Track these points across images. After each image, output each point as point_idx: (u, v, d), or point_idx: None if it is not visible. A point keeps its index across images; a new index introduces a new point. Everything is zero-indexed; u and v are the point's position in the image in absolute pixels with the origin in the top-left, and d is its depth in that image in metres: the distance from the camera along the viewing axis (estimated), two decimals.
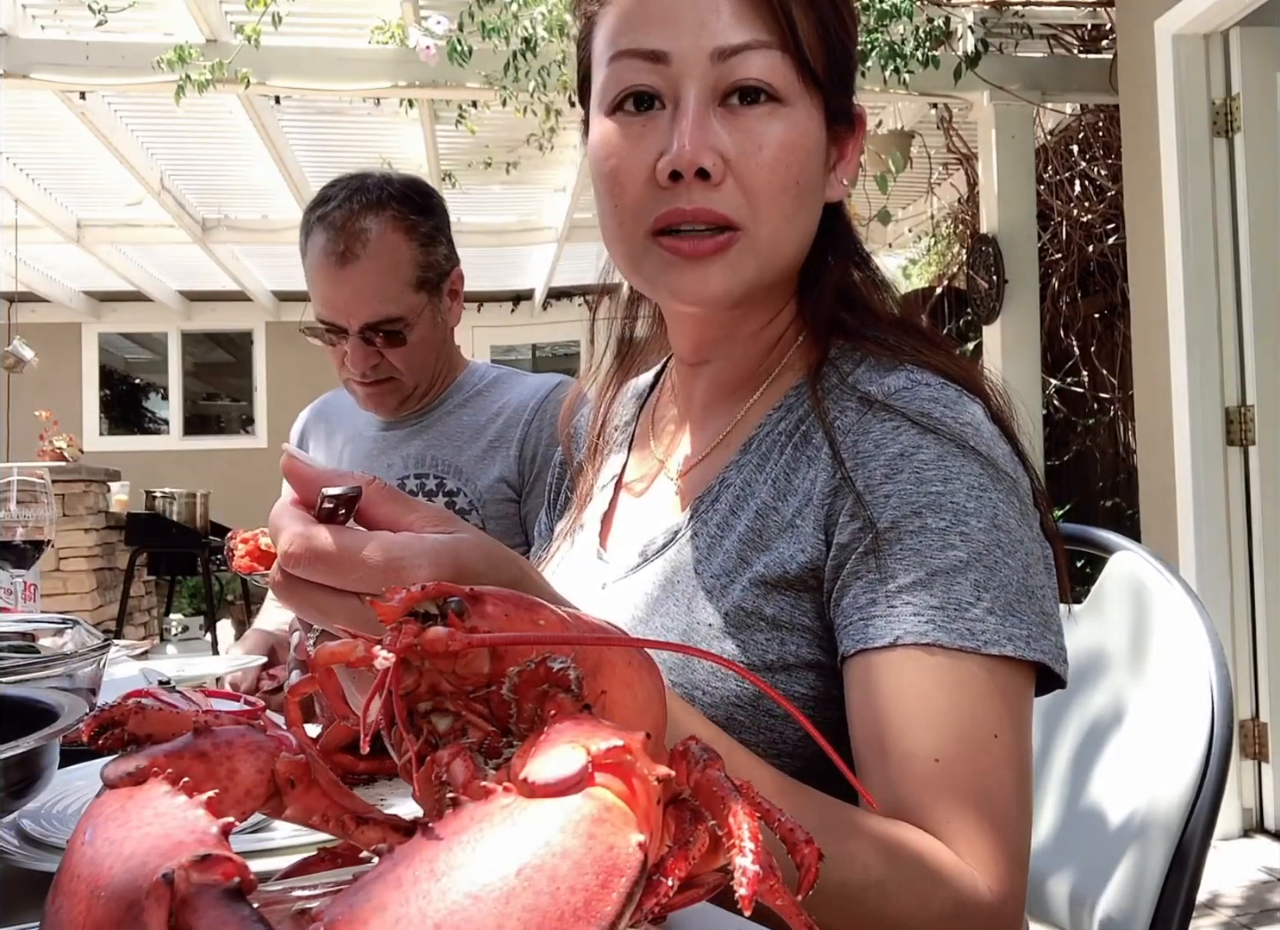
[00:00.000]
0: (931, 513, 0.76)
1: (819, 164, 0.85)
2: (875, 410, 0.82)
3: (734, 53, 0.79)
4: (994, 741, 0.72)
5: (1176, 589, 1.01)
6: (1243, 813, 3.57)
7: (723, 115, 0.81)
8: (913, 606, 0.74)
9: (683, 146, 0.79)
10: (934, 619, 0.73)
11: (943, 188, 6.28)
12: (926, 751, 0.71)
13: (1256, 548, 3.56)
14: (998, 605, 0.74)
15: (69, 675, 0.70)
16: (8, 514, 1.52)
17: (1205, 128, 3.62)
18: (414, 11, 4.16)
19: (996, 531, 0.76)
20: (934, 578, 0.75)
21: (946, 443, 0.79)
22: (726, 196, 0.80)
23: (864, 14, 4.01)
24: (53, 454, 6.60)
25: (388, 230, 1.71)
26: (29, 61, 4.22)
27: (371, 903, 0.33)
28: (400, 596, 0.44)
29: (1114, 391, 5.46)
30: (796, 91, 0.82)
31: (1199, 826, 0.92)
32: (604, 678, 0.45)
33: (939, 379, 0.83)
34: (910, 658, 0.73)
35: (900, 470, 0.78)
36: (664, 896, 0.38)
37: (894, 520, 0.77)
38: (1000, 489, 0.78)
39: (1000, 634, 0.73)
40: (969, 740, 0.72)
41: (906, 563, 0.75)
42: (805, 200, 0.84)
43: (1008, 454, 0.81)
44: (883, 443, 0.80)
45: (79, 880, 0.38)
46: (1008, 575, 0.76)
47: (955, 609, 0.74)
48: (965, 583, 0.74)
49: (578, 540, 1.02)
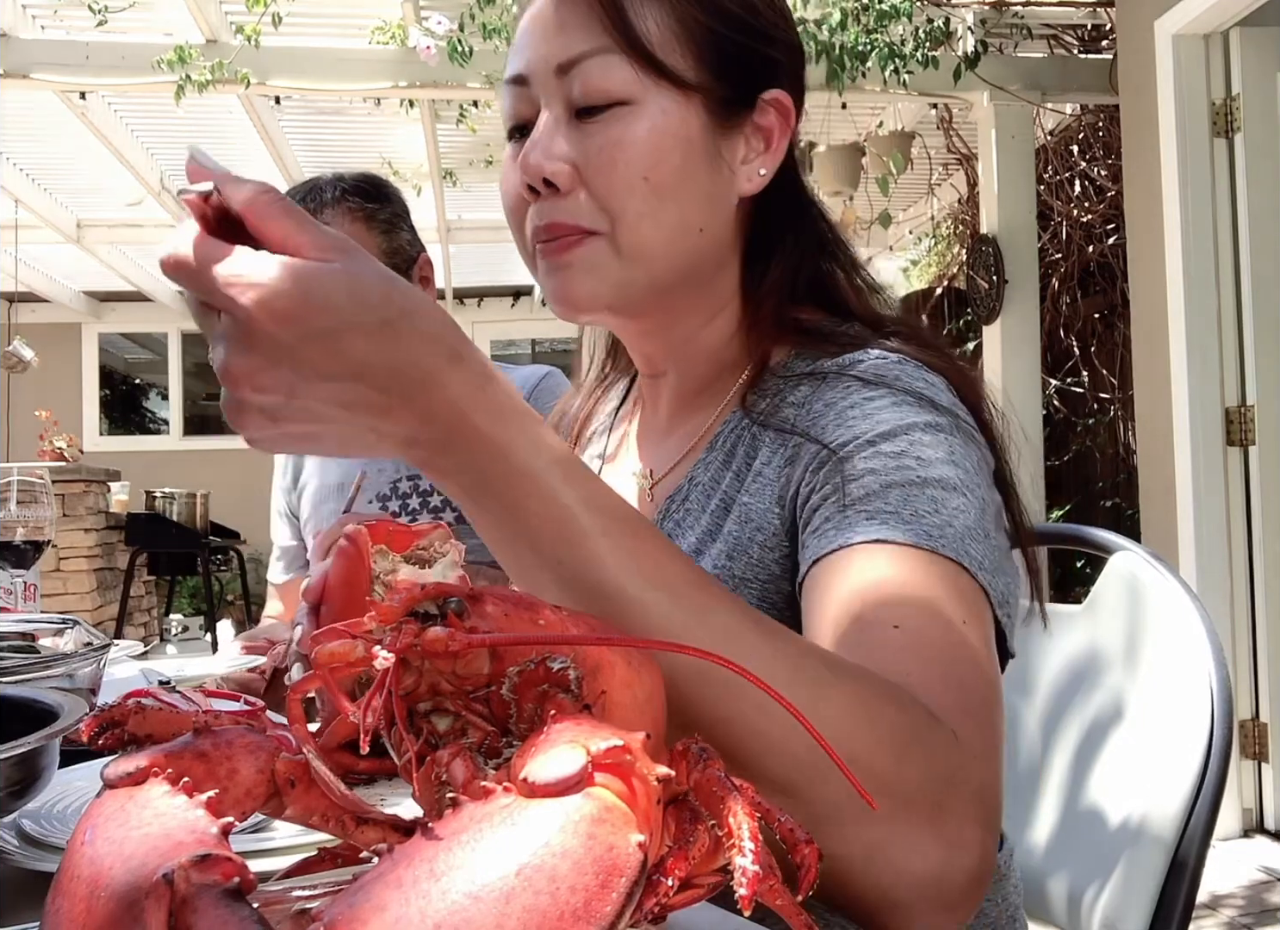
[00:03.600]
0: (885, 440, 0.74)
1: (686, 158, 0.82)
2: (828, 380, 0.81)
3: (573, 65, 0.81)
4: (962, 626, 0.66)
5: (1176, 589, 1.01)
6: (1243, 813, 3.57)
7: (576, 126, 0.82)
8: (866, 513, 0.71)
9: (525, 160, 0.81)
10: (888, 522, 0.70)
11: (943, 188, 6.28)
12: (886, 620, 0.65)
13: (1256, 548, 3.56)
14: (956, 522, 0.70)
15: (69, 675, 0.70)
16: (8, 514, 1.52)
17: (1205, 128, 3.62)
18: (414, 11, 4.16)
19: (953, 466, 0.74)
20: (888, 489, 0.72)
21: (901, 394, 0.78)
22: (574, 205, 0.81)
23: (864, 14, 4.02)
24: (53, 454, 6.60)
25: (346, 222, 1.73)
26: (29, 61, 4.22)
27: (371, 903, 0.33)
28: (400, 597, 0.44)
29: (1114, 391, 5.46)
30: (643, 89, 0.81)
31: (1199, 827, 0.92)
32: (604, 678, 0.45)
33: (899, 355, 0.82)
34: (863, 552, 0.69)
35: (853, 418, 0.77)
36: (664, 896, 0.38)
37: (848, 453, 0.75)
38: (959, 437, 0.77)
39: (959, 546, 0.69)
40: (932, 616, 0.65)
41: (862, 482, 0.73)
42: (670, 196, 0.81)
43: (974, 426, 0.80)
44: (833, 401, 0.79)
45: (79, 880, 0.38)
46: (964, 504, 0.72)
47: (912, 514, 0.70)
48: (922, 497, 0.71)
49: None
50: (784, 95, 0.87)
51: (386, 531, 0.84)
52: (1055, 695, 1.12)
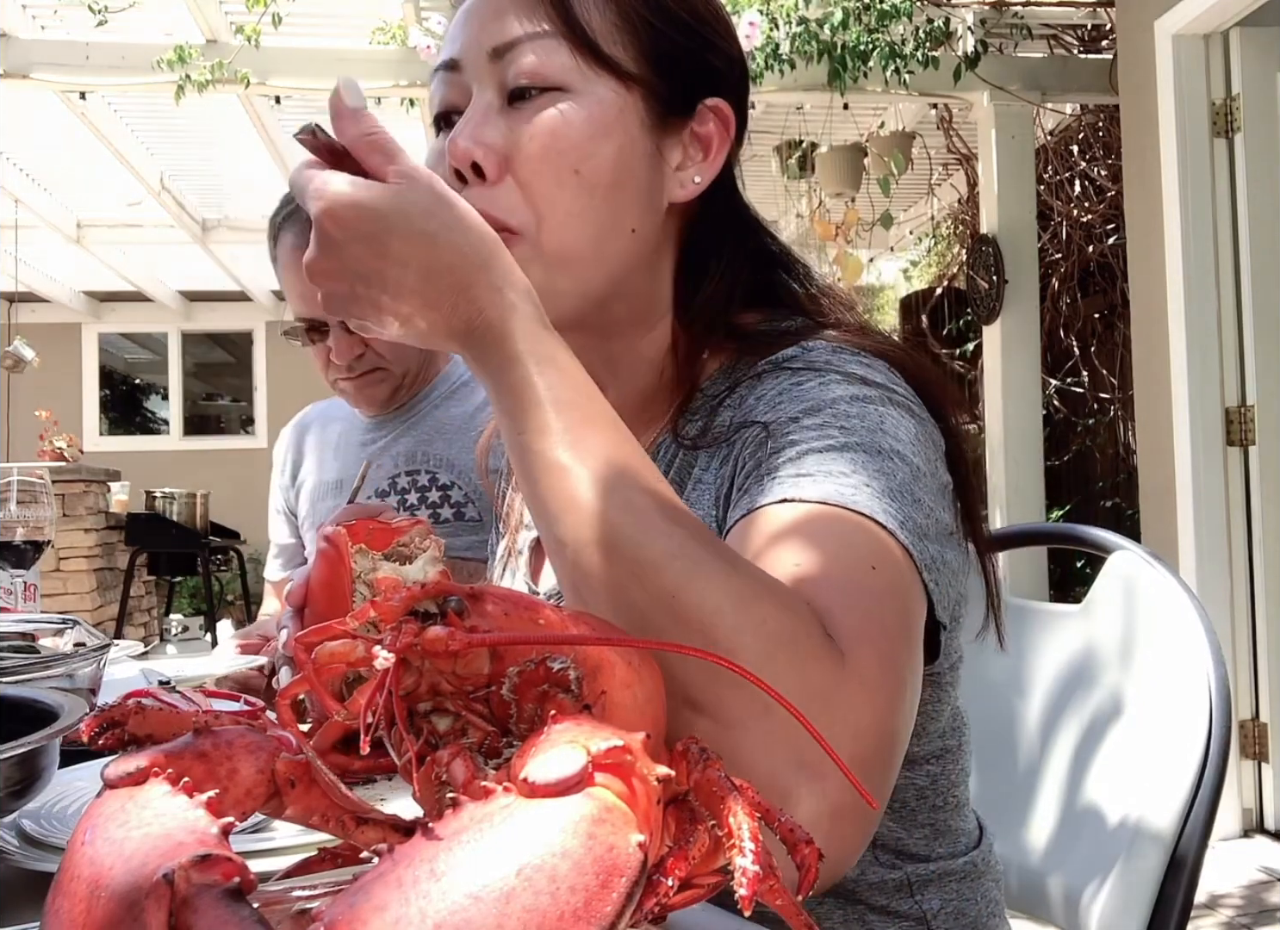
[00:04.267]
0: (809, 415, 0.72)
1: (623, 152, 0.79)
2: (763, 377, 0.80)
3: (509, 48, 0.78)
4: (871, 572, 0.62)
5: (1175, 588, 1.01)
6: (1242, 813, 3.57)
7: (508, 113, 0.79)
8: (778, 479, 0.68)
9: (454, 143, 0.78)
10: (799, 483, 0.66)
11: (943, 188, 6.28)
12: (787, 561, 0.62)
13: (1256, 548, 3.56)
14: (874, 483, 0.66)
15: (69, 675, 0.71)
16: (8, 514, 1.52)
17: (1205, 128, 3.62)
18: (415, 11, 4.16)
19: (881, 434, 0.70)
20: (804, 457, 0.69)
21: (829, 375, 0.75)
22: (503, 195, 0.77)
23: (864, 14, 4.02)
24: (53, 454, 6.60)
25: None
26: (29, 61, 4.22)
27: (371, 903, 0.33)
28: (400, 596, 0.44)
29: (1114, 391, 5.46)
30: (581, 78, 0.78)
31: (1197, 827, 0.92)
32: (604, 678, 0.45)
33: (834, 344, 0.80)
34: (769, 512, 0.66)
35: (780, 402, 0.75)
36: (664, 896, 0.39)
37: (773, 431, 0.73)
38: (890, 408, 0.73)
39: (874, 504, 0.65)
40: (836, 556, 0.62)
41: (783, 454, 0.70)
42: (602, 192, 0.78)
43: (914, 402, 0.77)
44: (763, 393, 0.78)
45: (79, 880, 0.38)
46: (888, 468, 0.68)
47: (825, 475, 0.66)
48: (839, 460, 0.68)
49: (516, 572, 0.99)
50: (725, 105, 0.85)
51: (366, 530, 0.84)
52: (1054, 695, 1.12)
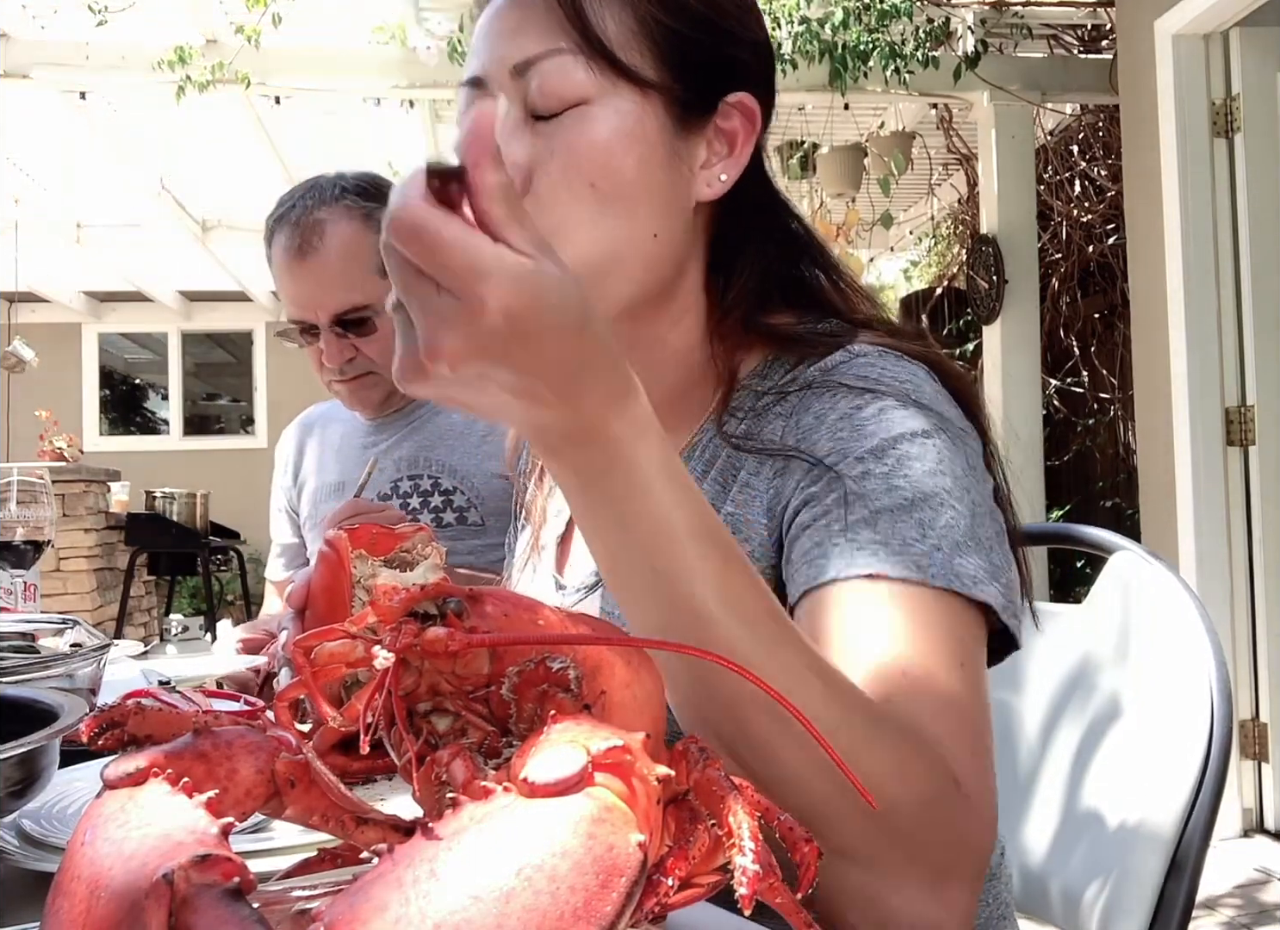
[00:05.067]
0: (873, 458, 0.74)
1: (643, 161, 0.80)
2: (814, 388, 0.80)
3: (529, 65, 0.79)
4: (960, 669, 0.68)
5: (1176, 588, 1.01)
6: (1243, 813, 3.57)
7: (532, 128, 0.80)
8: (856, 543, 0.72)
9: None
10: (877, 552, 0.71)
11: (943, 188, 6.28)
12: (893, 666, 0.67)
13: (1256, 548, 3.56)
14: (945, 543, 0.71)
15: (69, 675, 0.70)
16: (8, 514, 1.52)
17: (1205, 128, 3.62)
18: (414, 12, 4.16)
19: (941, 476, 0.74)
20: (877, 516, 0.72)
21: (886, 398, 0.77)
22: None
23: (864, 14, 4.02)
24: (53, 454, 6.60)
25: (344, 219, 1.73)
26: (29, 61, 4.23)
27: (371, 903, 0.33)
28: (400, 597, 0.44)
29: (1114, 391, 5.46)
30: (600, 90, 0.79)
31: (1198, 827, 0.92)
32: (604, 678, 0.45)
33: (877, 348, 0.81)
34: (855, 588, 0.70)
35: (841, 429, 0.77)
36: (664, 896, 0.39)
37: (839, 471, 0.75)
38: (945, 438, 0.76)
39: (947, 570, 0.70)
40: (934, 663, 0.67)
41: (852, 507, 0.73)
42: (617, 204, 0.80)
43: (958, 415, 0.80)
44: (822, 413, 0.79)
45: (79, 880, 0.38)
46: (953, 518, 0.73)
47: (900, 544, 0.71)
48: (910, 521, 0.72)
49: (538, 567, 1.00)
50: (749, 98, 0.85)
51: (369, 535, 0.83)
52: (1054, 695, 1.12)
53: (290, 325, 1.76)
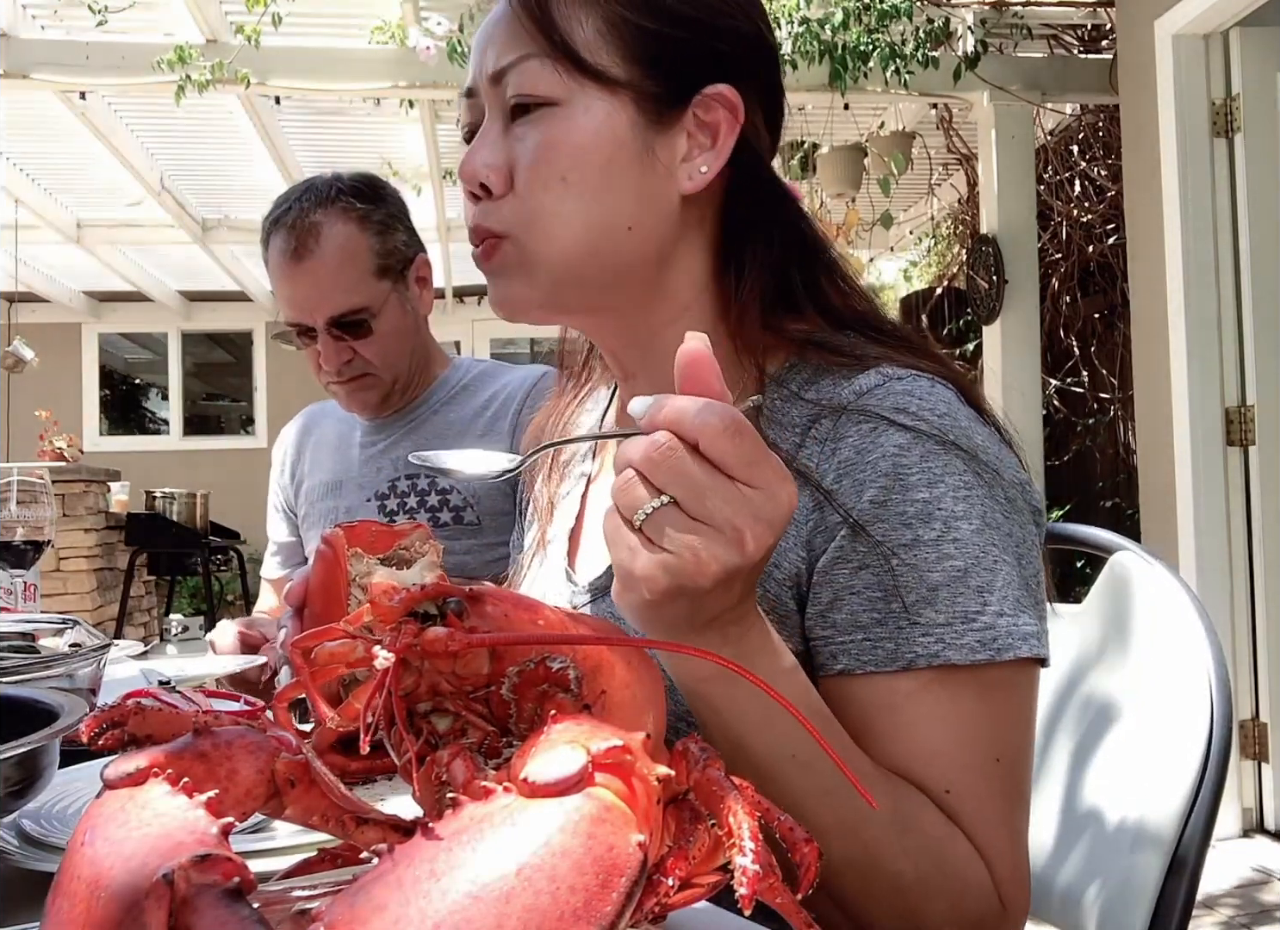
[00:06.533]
0: (922, 523, 0.75)
1: (612, 157, 0.82)
2: (850, 415, 0.79)
3: (503, 73, 0.84)
4: (996, 766, 0.74)
5: (1176, 588, 1.01)
6: (1242, 813, 3.57)
7: (510, 131, 0.85)
8: (920, 627, 0.74)
9: (462, 166, 0.86)
10: (943, 637, 0.73)
11: (943, 188, 6.28)
12: (957, 778, 0.73)
13: (1256, 548, 3.56)
14: (1006, 605, 0.74)
15: (69, 675, 0.70)
16: (8, 514, 1.52)
17: (1205, 128, 3.62)
18: (414, 12, 4.16)
19: (989, 531, 0.76)
20: (935, 592, 0.74)
21: (927, 441, 0.77)
22: (501, 207, 0.84)
23: (864, 14, 4.02)
24: (53, 454, 6.60)
25: (339, 221, 1.73)
26: (29, 61, 4.22)
27: (372, 903, 0.33)
28: (400, 597, 0.44)
29: (1114, 391, 5.46)
30: (568, 91, 0.82)
31: (1198, 827, 0.92)
32: (604, 678, 0.45)
33: (908, 371, 0.81)
34: (925, 686, 0.74)
35: (883, 476, 0.76)
36: (664, 896, 0.39)
37: (885, 534, 0.75)
38: (984, 483, 0.78)
39: (1013, 635, 0.74)
40: (998, 758, 0.74)
41: (905, 580, 0.74)
42: (588, 196, 0.82)
43: (986, 437, 0.80)
44: (864, 448, 0.78)
45: (79, 880, 0.38)
46: (1008, 573, 0.76)
47: (963, 622, 0.73)
48: (968, 591, 0.74)
49: (548, 557, 1.00)
50: (729, 90, 0.84)
51: (369, 532, 0.83)
52: (1054, 695, 1.12)
53: (287, 327, 1.76)
